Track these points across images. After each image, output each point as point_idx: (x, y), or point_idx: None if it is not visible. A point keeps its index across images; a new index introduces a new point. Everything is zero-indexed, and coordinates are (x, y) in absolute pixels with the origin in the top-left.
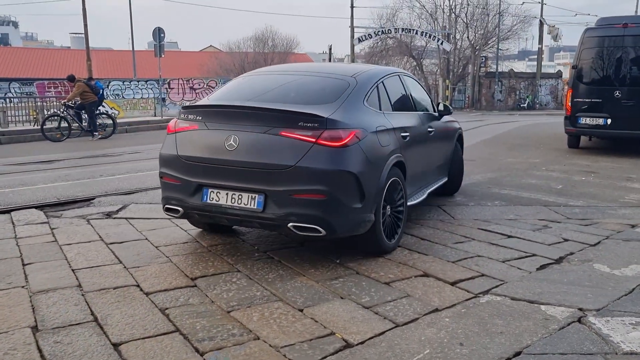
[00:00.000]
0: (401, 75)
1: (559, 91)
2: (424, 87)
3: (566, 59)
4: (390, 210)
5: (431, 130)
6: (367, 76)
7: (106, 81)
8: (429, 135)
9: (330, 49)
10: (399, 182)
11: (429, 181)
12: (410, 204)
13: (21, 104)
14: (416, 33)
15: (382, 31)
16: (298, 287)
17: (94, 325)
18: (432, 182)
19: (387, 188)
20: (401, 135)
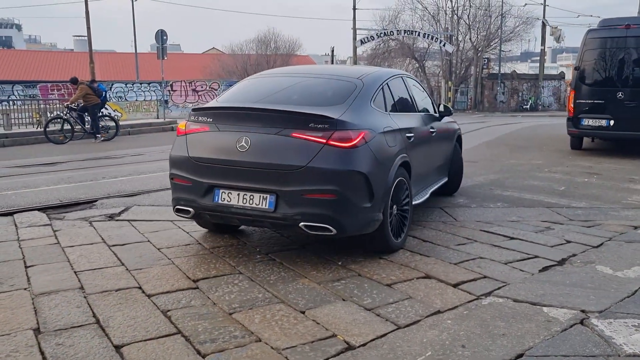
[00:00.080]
0: (404, 77)
1: (561, 92)
2: (424, 89)
3: (569, 60)
4: (396, 209)
5: (433, 130)
6: (373, 78)
7: (109, 83)
8: (431, 135)
9: (332, 51)
10: (405, 182)
11: (431, 181)
12: (414, 203)
13: (24, 107)
14: (418, 35)
15: (385, 33)
16: (300, 289)
17: (96, 328)
18: (434, 182)
19: (394, 188)
20: (406, 135)
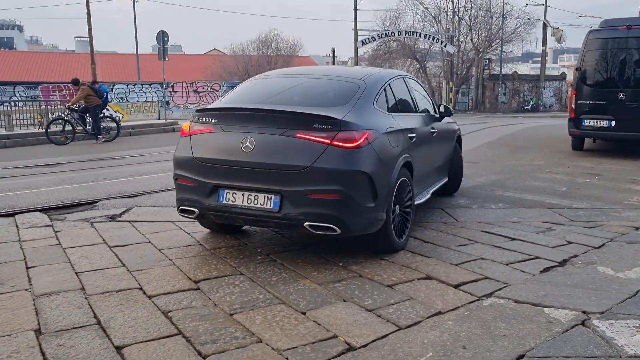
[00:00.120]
0: (405, 78)
1: (563, 93)
2: (425, 89)
3: (570, 61)
4: (399, 209)
5: (434, 131)
6: (375, 79)
7: (110, 84)
8: (432, 136)
9: (333, 51)
10: (408, 182)
11: (432, 181)
12: (416, 203)
13: (26, 108)
14: (420, 36)
15: (386, 34)
16: (301, 290)
17: (96, 328)
18: (435, 182)
19: (397, 188)
20: (409, 136)
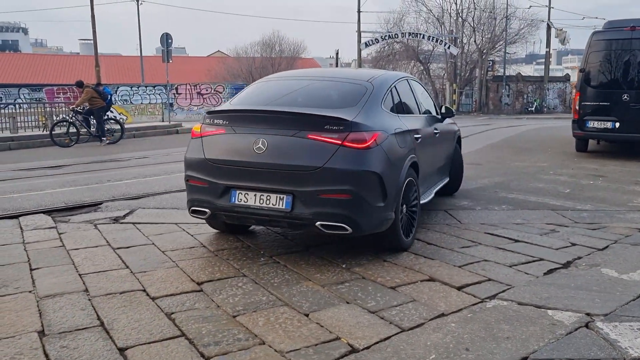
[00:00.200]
0: (408, 79)
1: (566, 94)
2: (428, 91)
3: (574, 62)
4: (405, 209)
5: (437, 131)
6: (381, 81)
7: (114, 87)
8: (435, 136)
9: (337, 53)
10: (414, 182)
11: (435, 181)
12: (421, 202)
13: (30, 110)
14: (423, 37)
15: (389, 36)
16: (304, 292)
17: (100, 330)
18: (438, 182)
19: (404, 187)
20: (414, 137)
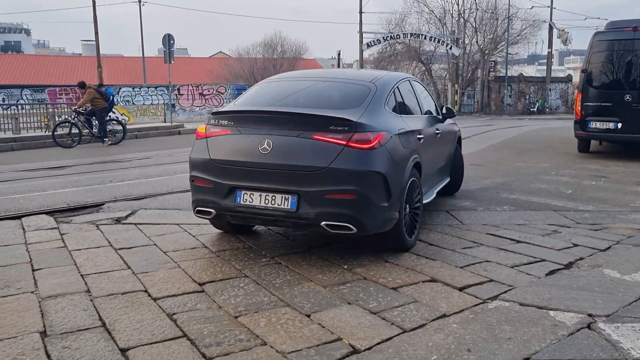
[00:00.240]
0: (410, 80)
1: (569, 95)
2: (429, 92)
3: (576, 62)
4: (409, 208)
5: (438, 132)
6: (384, 81)
7: (116, 87)
8: (437, 137)
9: (339, 54)
10: (417, 182)
11: (437, 181)
12: (423, 202)
13: (33, 111)
14: (425, 38)
15: (391, 36)
16: (305, 293)
17: (102, 331)
18: (439, 182)
19: (408, 187)
20: (417, 137)
